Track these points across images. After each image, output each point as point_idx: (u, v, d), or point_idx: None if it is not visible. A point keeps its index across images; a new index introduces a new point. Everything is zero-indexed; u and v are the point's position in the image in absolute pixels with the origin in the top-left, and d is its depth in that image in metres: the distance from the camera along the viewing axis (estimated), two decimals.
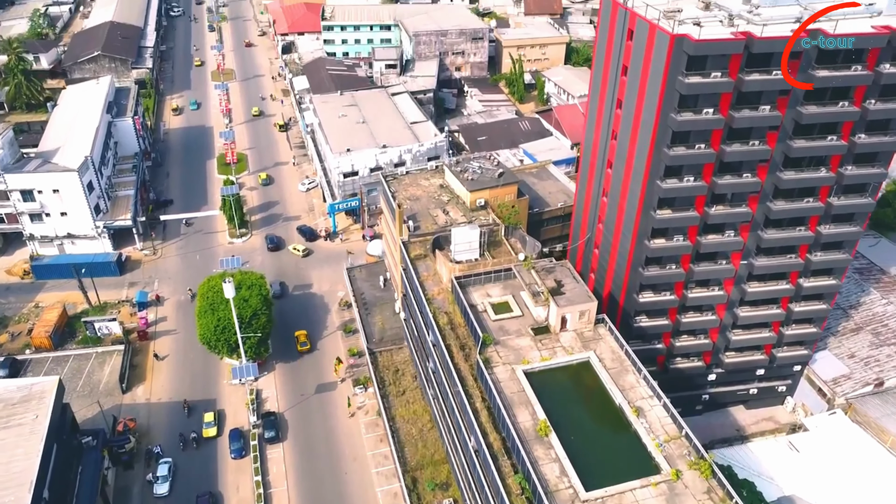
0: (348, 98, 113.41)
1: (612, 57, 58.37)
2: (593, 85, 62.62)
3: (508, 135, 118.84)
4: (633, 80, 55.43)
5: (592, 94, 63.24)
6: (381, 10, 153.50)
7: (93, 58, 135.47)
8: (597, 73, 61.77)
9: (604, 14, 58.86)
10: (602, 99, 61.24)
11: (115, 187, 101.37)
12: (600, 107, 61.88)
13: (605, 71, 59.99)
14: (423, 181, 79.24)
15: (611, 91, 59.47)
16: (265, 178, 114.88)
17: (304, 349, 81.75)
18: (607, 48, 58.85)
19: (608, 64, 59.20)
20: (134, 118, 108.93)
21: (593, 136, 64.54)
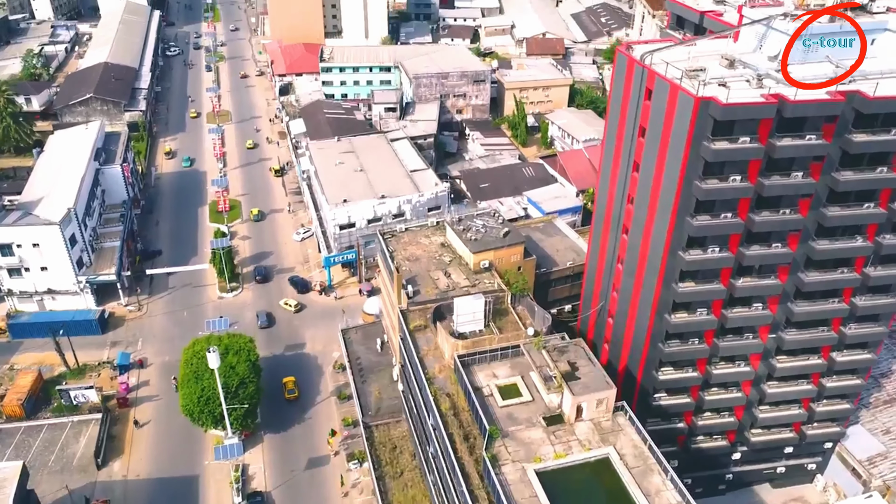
0: (346, 144, 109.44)
1: (627, 115, 54.06)
2: (606, 143, 58.27)
3: (512, 181, 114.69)
4: (652, 142, 51.01)
5: (606, 153, 58.85)
6: (381, 52, 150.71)
7: (84, 100, 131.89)
8: (611, 131, 57.45)
9: (618, 70, 54.69)
10: (616, 159, 56.81)
11: (100, 238, 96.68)
12: (614, 167, 57.41)
13: (619, 129, 55.65)
14: (422, 239, 74.47)
15: (626, 152, 55.03)
16: (256, 213, 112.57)
17: (292, 397, 77.83)
18: (622, 106, 54.58)
19: (623, 122, 54.87)
20: (123, 165, 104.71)
21: (606, 198, 59.99)
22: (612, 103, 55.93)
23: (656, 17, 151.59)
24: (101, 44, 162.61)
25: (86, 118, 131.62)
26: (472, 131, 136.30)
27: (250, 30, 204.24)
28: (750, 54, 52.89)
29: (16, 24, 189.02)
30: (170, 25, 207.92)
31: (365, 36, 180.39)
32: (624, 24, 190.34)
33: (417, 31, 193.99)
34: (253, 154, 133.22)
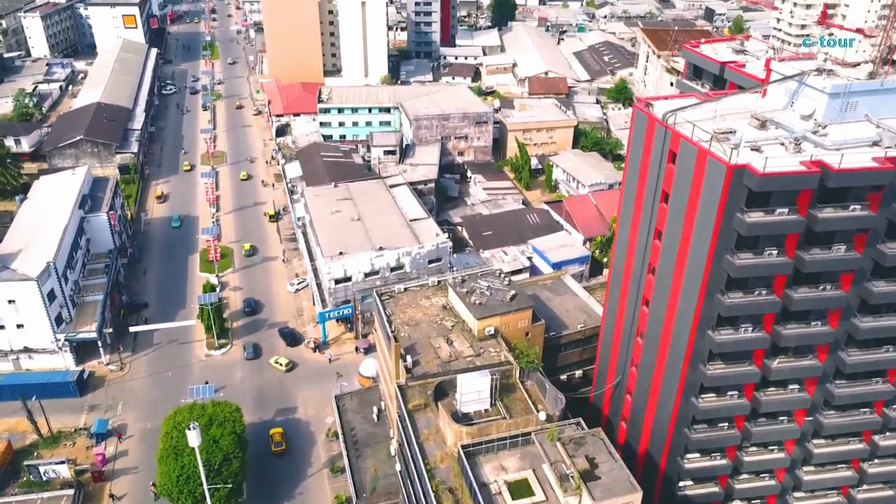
0: (343, 190, 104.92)
1: (647, 178, 49.35)
2: (623, 205, 53.46)
3: (516, 229, 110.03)
4: (677, 210, 46.19)
5: (623, 216, 54.00)
6: (381, 92, 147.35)
7: (74, 142, 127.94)
8: (628, 193, 52.69)
9: (637, 128, 50.11)
10: (635, 224, 51.93)
11: (82, 291, 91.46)
12: (633, 233, 52.50)
13: (638, 193, 50.89)
14: (423, 300, 69.34)
15: (647, 217, 50.19)
16: (248, 248, 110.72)
17: (279, 450, 73.99)
18: (641, 167, 49.89)
19: (643, 185, 50.14)
20: (109, 213, 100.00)
21: (623, 265, 54.98)
22: (630, 163, 51.23)
23: (661, 58, 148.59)
24: (96, 83, 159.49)
25: (75, 161, 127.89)
26: (473, 174, 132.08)
27: (249, 68, 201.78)
28: (781, 112, 48.46)
29: (10, 62, 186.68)
30: (167, 63, 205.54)
31: (365, 74, 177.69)
32: (628, 63, 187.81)
33: (418, 70, 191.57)
34: (247, 197, 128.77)
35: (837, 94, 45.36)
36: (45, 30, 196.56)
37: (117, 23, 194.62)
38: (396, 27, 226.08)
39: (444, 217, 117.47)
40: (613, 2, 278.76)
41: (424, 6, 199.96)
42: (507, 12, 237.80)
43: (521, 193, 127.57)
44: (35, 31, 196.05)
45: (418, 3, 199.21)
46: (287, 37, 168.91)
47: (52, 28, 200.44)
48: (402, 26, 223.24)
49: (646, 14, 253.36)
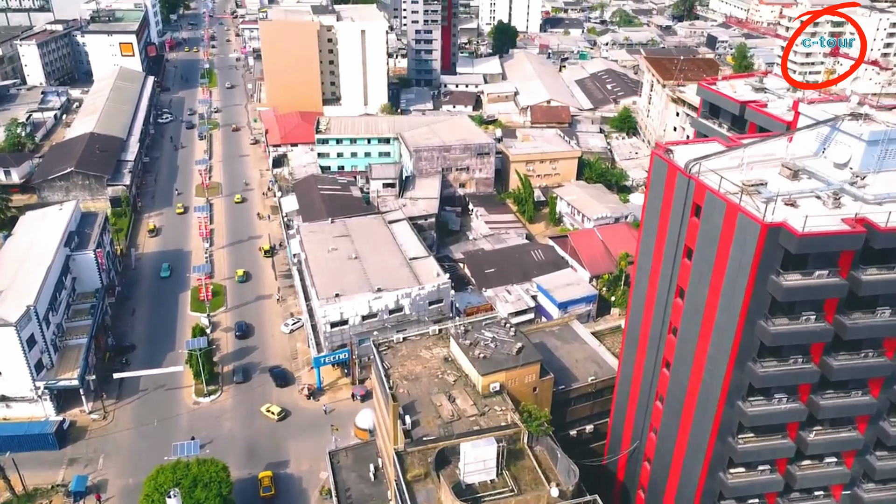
0: (340, 227, 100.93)
1: (668, 231, 45.31)
2: (641, 257, 49.39)
3: (520, 266, 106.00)
4: (703, 268, 42.08)
5: (640, 269, 49.90)
6: (380, 122, 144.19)
7: (65, 175, 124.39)
8: (646, 245, 48.63)
9: (656, 176, 46.21)
10: (654, 280, 47.80)
11: (65, 335, 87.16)
12: (651, 289, 48.35)
13: (658, 246, 46.82)
14: (423, 351, 64.98)
15: (667, 273, 46.07)
16: (242, 274, 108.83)
17: (268, 495, 70.36)
18: (661, 218, 45.88)
19: (662, 238, 46.09)
20: (96, 251, 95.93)
21: (640, 321, 50.73)
22: (648, 213, 47.25)
23: (667, 87, 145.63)
24: (90, 112, 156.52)
25: (66, 193, 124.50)
26: (475, 207, 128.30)
27: (247, 95, 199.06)
28: (812, 160, 44.60)
29: (5, 90, 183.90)
30: (165, 91, 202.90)
31: (364, 103, 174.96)
32: (631, 92, 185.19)
33: (418, 98, 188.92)
34: (242, 230, 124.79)
35: (876, 142, 41.56)
36: (42, 57, 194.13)
37: (114, 50, 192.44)
38: (397, 54, 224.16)
39: (445, 252, 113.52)
40: (615, 29, 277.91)
41: (425, 34, 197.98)
42: (508, 39, 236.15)
43: (524, 227, 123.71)
44: (31, 59, 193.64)
45: (419, 30, 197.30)
46: (285, 65, 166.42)
47: (48, 56, 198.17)
48: (402, 53, 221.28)
49: (648, 41, 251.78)
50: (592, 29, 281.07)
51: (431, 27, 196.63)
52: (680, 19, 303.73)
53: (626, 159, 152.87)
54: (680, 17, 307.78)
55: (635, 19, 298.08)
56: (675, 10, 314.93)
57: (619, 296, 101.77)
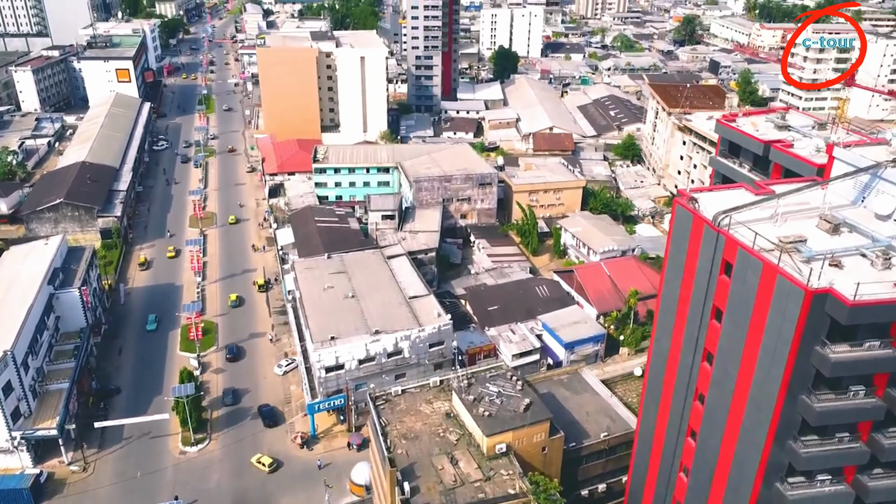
0: (337, 262, 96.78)
1: (693, 288, 41.12)
2: (662, 316, 45.17)
3: (524, 302, 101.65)
4: (734, 333, 37.84)
5: (661, 326, 45.64)
6: (379, 151, 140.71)
7: (54, 206, 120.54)
8: (667, 300, 44.43)
9: (679, 226, 42.14)
10: (677, 341, 43.52)
11: (46, 379, 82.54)
12: (674, 349, 44.04)
13: (681, 303, 42.62)
14: (423, 405, 60.62)
15: (692, 334, 41.80)
16: (235, 299, 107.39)
17: None
18: (685, 274, 41.74)
19: (687, 295, 41.90)
20: (82, 289, 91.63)
21: (661, 384, 46.33)
22: (670, 266, 43.12)
23: (673, 116, 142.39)
24: (83, 140, 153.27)
25: (55, 225, 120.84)
26: (477, 239, 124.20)
27: (245, 122, 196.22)
28: (850, 210, 40.57)
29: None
30: (161, 117, 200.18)
31: (363, 130, 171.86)
32: (635, 119, 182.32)
33: (418, 124, 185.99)
34: (236, 263, 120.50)
35: None
36: (37, 83, 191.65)
37: (110, 76, 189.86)
38: (397, 79, 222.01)
39: (446, 288, 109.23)
40: (617, 54, 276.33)
41: (425, 59, 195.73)
42: (509, 65, 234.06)
43: (527, 260, 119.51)
44: (26, 85, 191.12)
45: (419, 56, 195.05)
46: (283, 92, 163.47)
47: (43, 82, 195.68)
48: (402, 78, 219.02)
49: (650, 66, 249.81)
50: (594, 54, 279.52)
51: (432, 53, 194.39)
52: (681, 44, 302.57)
53: (632, 188, 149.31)
54: (681, 41, 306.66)
55: (636, 44, 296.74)
56: (677, 34, 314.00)
57: (629, 335, 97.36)
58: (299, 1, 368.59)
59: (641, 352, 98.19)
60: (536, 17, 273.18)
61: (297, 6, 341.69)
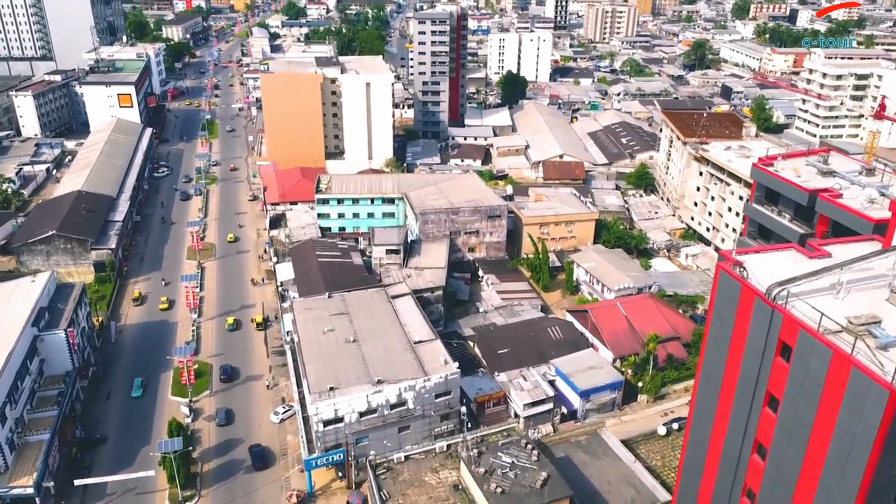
0: (338, 302, 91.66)
1: (741, 370, 35.60)
2: (700, 396, 39.66)
3: (535, 345, 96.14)
4: (793, 426, 32.29)
5: (699, 409, 40.09)
6: (384, 181, 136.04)
7: (46, 238, 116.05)
8: (708, 381, 38.94)
9: (723, 296, 36.74)
10: (720, 426, 38.01)
11: (26, 429, 77.28)
12: (716, 436, 38.43)
13: (725, 385, 37.08)
14: (429, 475, 55.27)
15: (739, 422, 36.21)
16: (232, 322, 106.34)
17: None
18: (731, 353, 36.27)
19: (733, 378, 36.43)
20: (68, 331, 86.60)
21: (701, 474, 40.52)
22: (712, 341, 37.72)
23: (688, 145, 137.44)
24: (81, 167, 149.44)
25: (47, 258, 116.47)
26: (486, 274, 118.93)
27: (248, 147, 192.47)
28: None
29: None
30: (163, 142, 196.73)
31: (369, 157, 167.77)
32: (647, 146, 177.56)
33: (425, 151, 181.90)
34: (234, 298, 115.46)
35: None
36: (37, 108, 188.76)
37: (112, 101, 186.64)
38: (403, 104, 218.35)
39: (453, 328, 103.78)
40: (626, 79, 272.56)
41: (432, 85, 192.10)
42: (517, 90, 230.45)
43: (538, 297, 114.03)
44: (26, 110, 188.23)
45: (426, 81, 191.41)
46: (287, 119, 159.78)
47: (44, 107, 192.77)
48: (409, 103, 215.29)
49: (661, 92, 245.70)
50: (603, 79, 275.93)
51: (439, 78, 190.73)
52: (691, 69, 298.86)
53: (646, 219, 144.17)
54: (691, 66, 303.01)
55: (646, 69, 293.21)
56: (687, 59, 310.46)
57: (648, 381, 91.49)
58: (306, 25, 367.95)
59: (661, 399, 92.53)
60: (545, 42, 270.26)
61: (304, 30, 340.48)
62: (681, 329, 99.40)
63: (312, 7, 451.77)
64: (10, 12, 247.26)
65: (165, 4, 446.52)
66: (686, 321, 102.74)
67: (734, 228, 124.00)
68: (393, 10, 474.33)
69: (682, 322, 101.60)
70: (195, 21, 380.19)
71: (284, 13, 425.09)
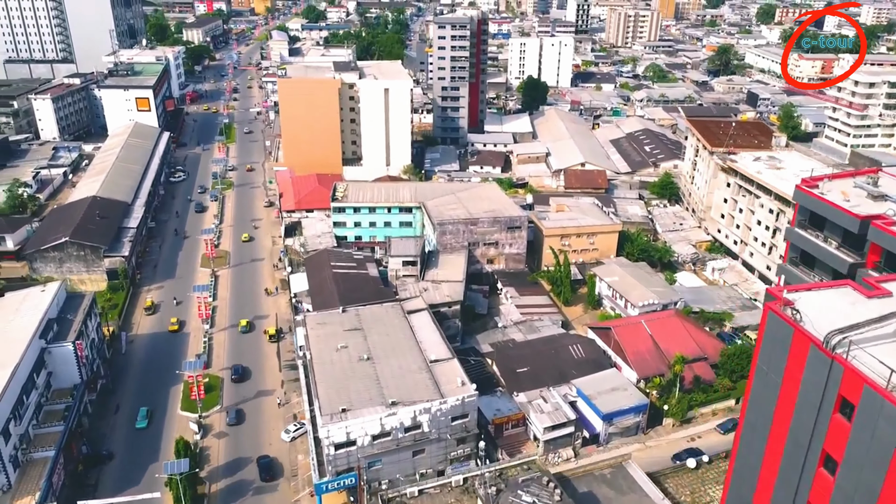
0: (352, 317, 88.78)
1: (791, 424, 32.01)
2: (742, 450, 36.17)
3: (556, 364, 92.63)
4: (856, 490, 28.65)
5: (740, 464, 36.49)
6: (401, 189, 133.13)
7: (59, 245, 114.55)
8: (752, 433, 35.43)
9: (771, 339, 33.17)
10: (765, 486, 34.27)
11: (31, 444, 75.21)
12: (762, 491, 34.76)
13: (773, 439, 33.46)
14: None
15: (790, 482, 32.57)
16: (245, 324, 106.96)
17: None
18: (780, 404, 32.67)
19: (782, 431, 32.85)
20: (76, 343, 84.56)
21: None
22: (758, 388, 34.24)
23: (715, 155, 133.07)
24: (97, 172, 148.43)
25: (59, 265, 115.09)
26: (505, 287, 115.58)
27: (265, 152, 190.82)
28: None
29: (16, 146, 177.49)
30: (181, 146, 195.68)
31: (386, 163, 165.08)
32: (671, 155, 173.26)
33: (444, 157, 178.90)
34: (247, 308, 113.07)
35: None
36: (56, 112, 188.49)
37: (130, 105, 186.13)
38: (422, 109, 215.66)
39: (471, 343, 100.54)
40: (649, 84, 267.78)
41: (452, 90, 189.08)
42: (538, 95, 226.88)
43: (559, 312, 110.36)
44: (45, 114, 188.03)
45: (445, 87, 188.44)
46: (304, 124, 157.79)
47: (63, 110, 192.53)
48: (428, 108, 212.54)
49: (685, 98, 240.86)
50: (625, 84, 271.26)
51: (458, 84, 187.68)
52: (716, 74, 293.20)
53: (670, 231, 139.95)
54: (715, 72, 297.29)
55: (669, 74, 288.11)
56: (711, 64, 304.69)
57: (674, 405, 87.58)
58: (326, 28, 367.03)
59: (687, 423, 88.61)
60: (566, 47, 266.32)
61: (324, 33, 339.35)
62: (708, 348, 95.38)
63: (332, 10, 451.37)
64: (32, 14, 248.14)
65: (187, 7, 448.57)
66: (713, 340, 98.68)
67: (763, 242, 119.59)
68: (413, 14, 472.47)
69: (710, 341, 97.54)
70: (215, 24, 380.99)
71: (304, 16, 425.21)
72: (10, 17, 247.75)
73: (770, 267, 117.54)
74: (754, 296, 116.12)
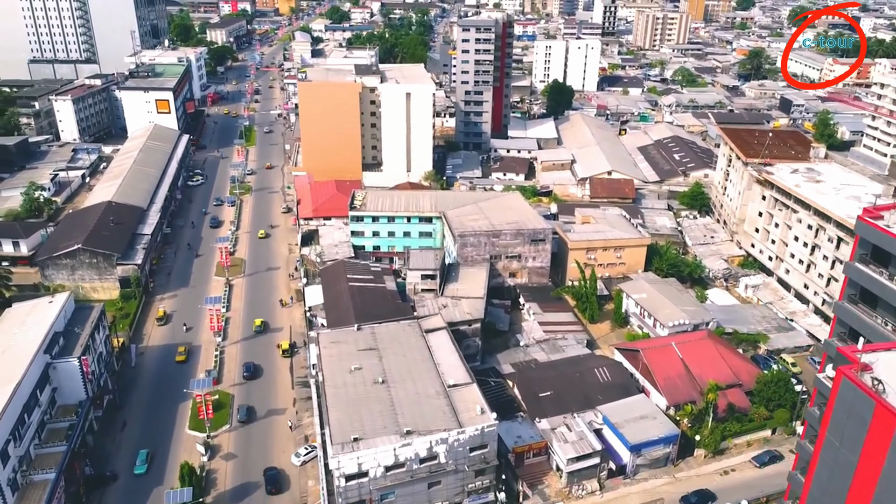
0: (367, 336, 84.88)
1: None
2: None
3: (581, 388, 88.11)
4: None
5: None
6: (422, 198, 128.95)
7: (71, 252, 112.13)
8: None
9: (844, 406, 28.37)
10: None
11: (32, 465, 72.29)
12: None
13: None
14: None
15: None
16: (259, 324, 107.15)
17: None
18: (859, 478, 27.83)
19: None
20: (82, 359, 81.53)
21: None
22: (825, 460, 29.28)
23: (750, 166, 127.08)
24: (114, 176, 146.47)
25: (71, 273, 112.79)
26: (527, 302, 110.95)
27: (284, 156, 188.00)
28: None
29: (36, 147, 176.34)
30: (200, 149, 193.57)
31: (407, 169, 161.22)
32: (702, 164, 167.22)
33: (466, 164, 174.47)
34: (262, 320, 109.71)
35: None
36: (76, 113, 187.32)
37: (150, 107, 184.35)
38: (445, 112, 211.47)
39: (491, 363, 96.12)
40: (678, 89, 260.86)
41: (475, 94, 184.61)
42: (563, 100, 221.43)
43: (584, 330, 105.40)
44: (66, 115, 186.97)
45: (468, 91, 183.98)
46: (324, 129, 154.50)
47: (83, 111, 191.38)
48: (450, 111, 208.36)
49: (715, 103, 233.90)
50: (653, 88, 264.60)
51: (482, 88, 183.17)
52: (746, 79, 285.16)
53: (701, 244, 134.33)
54: (746, 76, 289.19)
55: (699, 78, 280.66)
56: (742, 68, 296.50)
57: (706, 435, 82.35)
58: (349, 29, 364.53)
59: (720, 454, 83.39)
60: (593, 50, 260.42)
61: (347, 34, 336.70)
62: (742, 374, 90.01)
63: (356, 11, 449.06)
64: (57, 14, 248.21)
65: (211, 7, 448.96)
66: (748, 364, 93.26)
67: (800, 259, 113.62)
68: (437, 15, 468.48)
69: (744, 366, 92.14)
70: (239, 24, 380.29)
71: (328, 17, 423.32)
72: (35, 16, 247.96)
73: (808, 286, 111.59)
74: (790, 315, 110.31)
